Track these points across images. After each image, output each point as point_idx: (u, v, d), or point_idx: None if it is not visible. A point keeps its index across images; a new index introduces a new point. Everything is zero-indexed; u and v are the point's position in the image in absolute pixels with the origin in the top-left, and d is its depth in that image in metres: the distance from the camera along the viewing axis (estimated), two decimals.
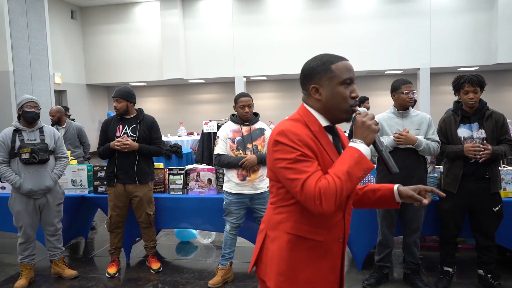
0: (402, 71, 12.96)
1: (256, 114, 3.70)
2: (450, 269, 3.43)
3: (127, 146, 3.62)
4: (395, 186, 1.66)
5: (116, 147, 3.63)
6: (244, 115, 3.53)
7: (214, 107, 15.42)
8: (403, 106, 3.33)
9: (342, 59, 1.52)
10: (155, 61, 13.53)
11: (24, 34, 9.22)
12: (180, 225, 4.16)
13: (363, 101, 7.62)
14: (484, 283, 3.35)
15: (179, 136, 11.50)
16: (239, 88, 13.01)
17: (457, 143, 3.25)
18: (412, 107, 3.39)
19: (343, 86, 1.49)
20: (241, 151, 3.47)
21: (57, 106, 5.74)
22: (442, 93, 13.10)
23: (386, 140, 3.24)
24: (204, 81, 14.64)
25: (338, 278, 1.60)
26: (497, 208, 3.22)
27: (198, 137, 10.66)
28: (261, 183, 3.52)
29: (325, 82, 1.49)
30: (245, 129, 3.56)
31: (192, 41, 13.20)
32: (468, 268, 3.75)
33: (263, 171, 3.56)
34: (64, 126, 5.56)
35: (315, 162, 1.44)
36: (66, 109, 9.41)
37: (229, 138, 3.51)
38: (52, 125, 5.52)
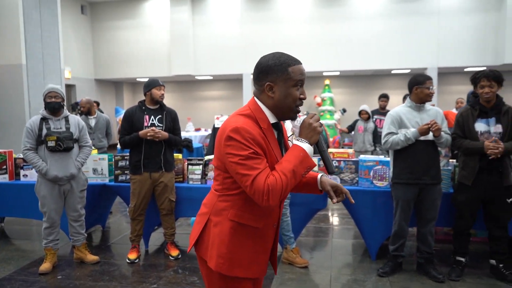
0: (409, 71, 13.05)
1: None
2: (463, 259, 3.54)
3: (159, 136, 3.76)
4: (319, 175, 1.80)
5: (149, 137, 3.75)
6: None
7: (222, 104, 15.54)
8: (423, 100, 3.43)
9: (298, 62, 1.62)
10: (164, 57, 13.65)
11: (37, 28, 9.33)
12: None
13: (380, 97, 7.53)
14: (496, 273, 3.46)
15: (186, 131, 11.61)
16: (247, 85, 13.12)
17: (474, 137, 3.34)
18: None
19: (296, 88, 1.60)
20: None
21: (87, 98, 6.07)
22: (449, 93, 13.19)
23: (409, 133, 3.35)
24: (212, 77, 14.75)
25: (268, 258, 1.78)
26: (510, 200, 3.32)
27: (206, 133, 10.79)
28: None
29: (281, 82, 1.58)
30: None
31: (201, 38, 13.31)
32: (480, 259, 3.85)
33: None
34: (95, 116, 5.96)
35: (264, 159, 1.55)
36: (97, 103, 9.80)
37: None
38: (82, 115, 5.89)
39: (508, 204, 3.34)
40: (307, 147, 1.57)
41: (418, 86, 3.43)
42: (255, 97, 1.66)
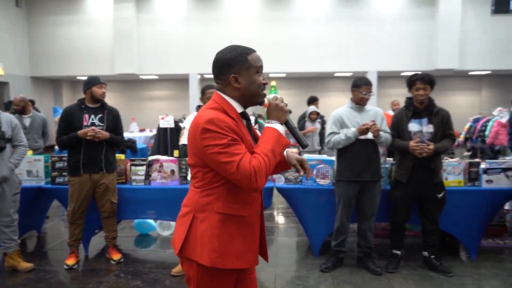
0: (351, 74, 13.56)
1: None
2: (399, 252, 3.74)
3: (100, 136, 3.61)
4: (284, 152, 1.86)
5: (88, 136, 3.59)
6: None
7: (167, 104, 15.27)
8: (358, 103, 3.59)
9: (253, 50, 1.69)
10: (106, 55, 13.16)
11: None
12: (142, 215, 4.17)
13: (313, 100, 7.86)
14: (428, 263, 3.70)
15: (130, 132, 11.28)
16: (193, 85, 12.99)
17: (407, 136, 3.55)
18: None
19: (258, 74, 1.68)
20: None
21: (21, 95, 5.69)
22: (387, 95, 13.85)
23: (349, 132, 3.48)
24: (157, 77, 14.45)
25: (258, 246, 1.79)
26: (440, 195, 3.57)
27: (151, 134, 10.54)
28: None
29: (244, 71, 1.65)
30: None
31: (145, 36, 12.98)
32: (414, 252, 4.08)
33: None
34: (30, 115, 5.63)
35: (243, 145, 1.59)
36: (32, 102, 9.20)
37: None
38: (15, 114, 5.51)
39: (439, 199, 3.58)
40: (279, 127, 1.65)
41: (355, 89, 3.59)
42: (218, 92, 1.69)
